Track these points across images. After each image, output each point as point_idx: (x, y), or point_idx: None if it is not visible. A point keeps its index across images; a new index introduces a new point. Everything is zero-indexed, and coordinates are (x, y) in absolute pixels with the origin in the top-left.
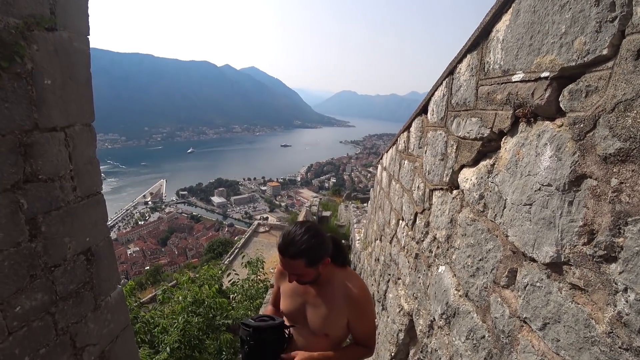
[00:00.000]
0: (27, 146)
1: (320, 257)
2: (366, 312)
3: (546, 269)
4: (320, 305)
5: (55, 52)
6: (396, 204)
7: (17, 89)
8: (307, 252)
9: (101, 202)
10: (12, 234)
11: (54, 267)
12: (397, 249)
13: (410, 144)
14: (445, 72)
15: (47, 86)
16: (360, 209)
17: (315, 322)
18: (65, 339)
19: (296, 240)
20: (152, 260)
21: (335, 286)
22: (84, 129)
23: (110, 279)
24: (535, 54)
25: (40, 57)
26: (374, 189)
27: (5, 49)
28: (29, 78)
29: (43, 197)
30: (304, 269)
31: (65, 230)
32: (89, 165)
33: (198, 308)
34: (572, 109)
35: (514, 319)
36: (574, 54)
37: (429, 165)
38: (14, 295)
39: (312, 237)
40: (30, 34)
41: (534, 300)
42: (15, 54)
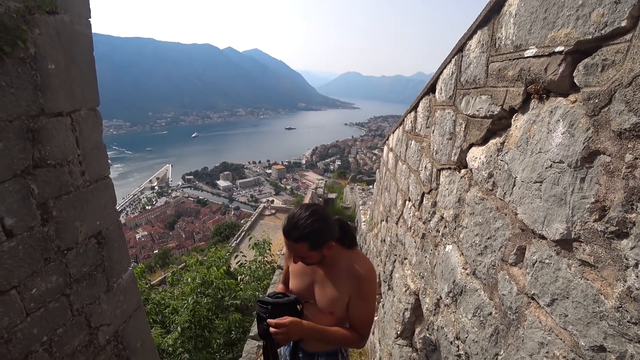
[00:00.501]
0: (35, 132)
1: (323, 241)
2: (367, 294)
3: (556, 246)
4: (327, 284)
5: (58, 36)
6: (403, 184)
7: (21, 74)
8: (310, 236)
9: (110, 186)
10: (24, 219)
11: (66, 250)
12: (404, 229)
13: (418, 124)
14: (455, 50)
15: (51, 71)
16: (365, 191)
17: (322, 301)
18: (80, 319)
19: (300, 224)
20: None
21: (342, 267)
22: (90, 113)
23: (121, 262)
24: (549, 27)
25: (42, 41)
26: (380, 171)
27: (7, 34)
28: (32, 63)
29: (53, 182)
30: (307, 252)
31: (75, 214)
32: (96, 150)
33: (207, 289)
34: (586, 84)
35: (522, 296)
36: (590, 26)
37: (437, 144)
38: (29, 278)
39: (315, 222)
40: (31, 17)
41: (542, 277)
42: (18, 38)
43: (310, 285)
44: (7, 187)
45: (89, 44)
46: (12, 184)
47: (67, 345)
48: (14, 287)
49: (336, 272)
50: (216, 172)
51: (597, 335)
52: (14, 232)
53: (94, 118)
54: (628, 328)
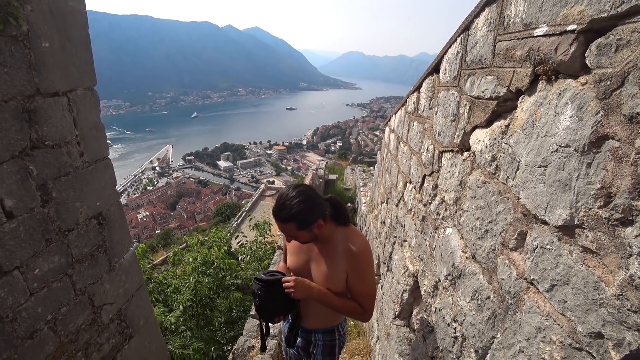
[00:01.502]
0: (31, 112)
1: (311, 220)
2: (363, 269)
3: (558, 232)
4: (322, 261)
5: (51, 13)
6: (404, 166)
7: (14, 52)
8: (297, 216)
9: (109, 167)
10: (24, 200)
11: (67, 231)
12: (404, 211)
13: (420, 105)
14: (460, 28)
15: (46, 49)
16: (366, 172)
17: (318, 277)
18: (84, 299)
19: (287, 204)
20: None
21: (337, 243)
22: (87, 93)
23: (122, 242)
24: (562, 4)
25: (35, 18)
26: (381, 152)
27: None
28: (26, 41)
29: (51, 163)
30: (296, 232)
31: (75, 195)
32: (94, 130)
33: (208, 269)
34: (598, 65)
35: (521, 281)
36: (606, 4)
37: (440, 126)
38: (32, 259)
39: (301, 202)
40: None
41: (542, 262)
42: (9, 15)
43: (306, 262)
44: (6, 169)
45: (84, 20)
46: (10, 165)
47: (71, 323)
48: (17, 268)
49: (332, 248)
50: (217, 152)
51: (595, 322)
52: (14, 213)
53: (92, 98)
54: (628, 316)
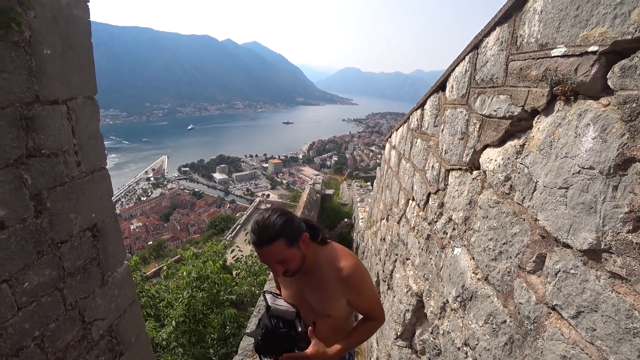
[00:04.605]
0: (29, 119)
1: (298, 232)
2: (363, 289)
3: (582, 256)
4: (316, 288)
5: (54, 20)
6: (406, 183)
7: (15, 58)
8: (283, 231)
9: (106, 178)
10: (17, 210)
11: (60, 243)
12: (406, 229)
13: (425, 122)
14: (469, 47)
15: (47, 56)
16: (363, 188)
17: (315, 306)
18: (74, 314)
19: (269, 223)
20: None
21: (324, 267)
22: (87, 102)
23: (116, 255)
24: (581, 26)
25: (38, 24)
26: (381, 168)
27: (0, 16)
28: (27, 47)
29: (47, 173)
30: (286, 252)
31: (70, 206)
32: (92, 140)
33: (202, 283)
34: (622, 87)
35: (541, 306)
36: (630, 26)
37: (446, 144)
38: (22, 271)
39: (281, 217)
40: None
41: (566, 287)
42: (12, 21)
43: (301, 292)
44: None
45: (87, 29)
46: (4, 173)
47: (60, 340)
48: (5, 281)
49: (321, 274)
50: (212, 164)
51: (629, 352)
52: (6, 223)
53: (91, 107)
54: None
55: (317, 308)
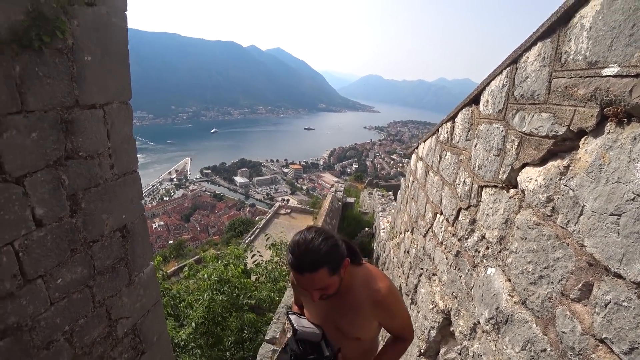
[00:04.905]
0: (68, 123)
1: (341, 258)
2: (397, 311)
3: (637, 288)
4: (347, 311)
5: (95, 28)
6: (434, 196)
7: (58, 64)
8: (329, 257)
9: (137, 181)
10: (54, 209)
11: (92, 242)
12: (433, 243)
13: (455, 135)
14: (507, 61)
15: (87, 62)
16: (385, 197)
17: (345, 328)
18: (101, 311)
19: (313, 247)
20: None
21: (359, 289)
22: (122, 107)
23: (143, 256)
24: (637, 45)
25: (80, 32)
26: (406, 179)
27: (47, 24)
28: (69, 54)
29: (83, 174)
30: (328, 279)
31: (103, 207)
32: (125, 144)
33: (223, 287)
34: None
35: (588, 337)
36: None
37: (480, 159)
38: (56, 268)
39: (325, 240)
40: (70, 8)
41: (618, 320)
42: (57, 29)
43: (328, 314)
44: (40, 177)
45: (125, 37)
46: (44, 174)
47: (87, 335)
48: (40, 277)
49: (353, 295)
50: (234, 168)
51: None
52: (44, 222)
53: (126, 112)
54: None
55: (347, 331)
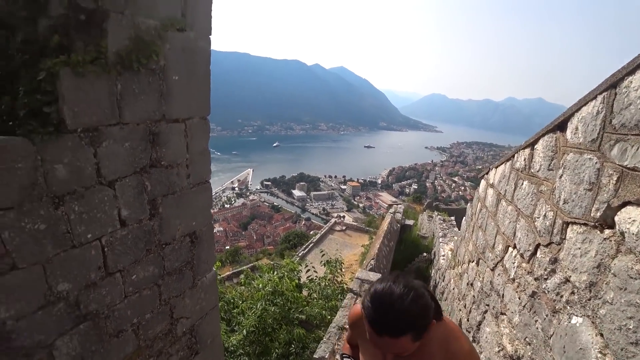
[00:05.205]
0: (155, 135)
1: (429, 323)
2: None
3: None
4: None
5: (183, 51)
6: (506, 228)
7: (151, 83)
8: (416, 322)
9: (208, 190)
10: (137, 212)
11: (165, 245)
12: (503, 279)
13: (535, 163)
14: (603, 86)
15: (175, 81)
16: (447, 222)
17: None
18: (165, 309)
19: (399, 308)
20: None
21: (434, 348)
22: (201, 121)
23: (207, 262)
24: None
25: (171, 54)
26: (473, 205)
27: (145, 47)
28: (161, 74)
29: (163, 182)
30: (409, 345)
31: (177, 212)
32: (201, 156)
33: (276, 298)
34: None
35: None
36: None
37: (566, 193)
38: (132, 265)
39: (415, 299)
40: (165, 34)
41: None
42: (153, 52)
43: None
44: (127, 182)
45: (208, 58)
46: (131, 179)
47: (151, 330)
48: (119, 271)
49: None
50: (293, 181)
51: None
52: (127, 222)
53: (204, 126)
54: None
55: None
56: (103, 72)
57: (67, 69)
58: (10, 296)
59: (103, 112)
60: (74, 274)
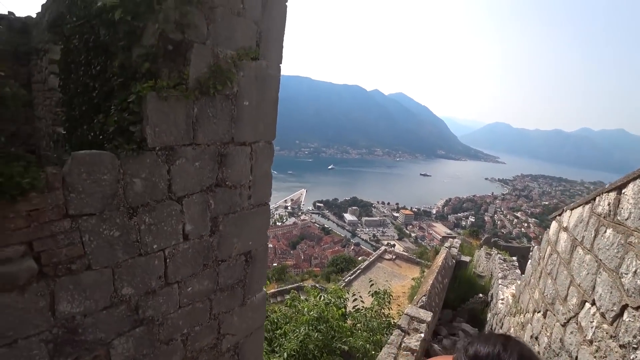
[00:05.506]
0: (223, 156)
1: None
2: None
3: None
4: None
5: (255, 78)
6: (582, 279)
7: (224, 108)
8: None
9: (267, 212)
10: (199, 228)
11: (221, 261)
12: (577, 338)
13: (623, 210)
14: None
15: (245, 106)
16: (508, 262)
17: None
18: (214, 324)
19: None
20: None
21: None
22: (266, 145)
23: (259, 282)
24: None
25: (244, 82)
26: (541, 248)
27: (221, 75)
28: (233, 99)
29: (226, 201)
30: None
31: (235, 231)
32: (264, 178)
33: (320, 324)
34: None
35: None
36: None
37: None
38: (189, 278)
39: None
40: (239, 62)
41: None
42: (228, 79)
43: None
44: (194, 199)
45: (277, 85)
46: (198, 197)
47: (198, 342)
48: (177, 282)
49: None
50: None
51: None
52: (190, 236)
53: (268, 150)
54: None
55: None
56: (183, 96)
57: (153, 92)
58: (82, 294)
59: (179, 133)
60: (137, 280)
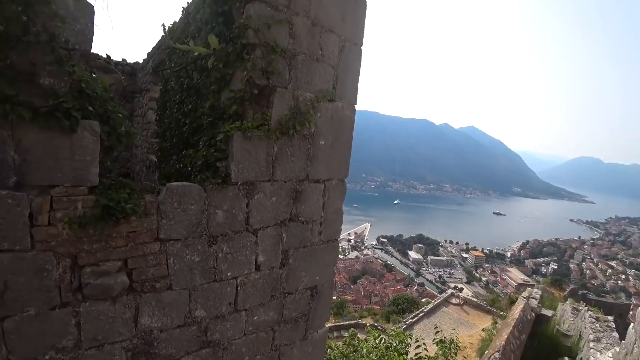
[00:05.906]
0: (298, 192)
1: None
2: None
3: None
4: None
5: (331, 119)
6: None
7: (301, 147)
8: None
9: (336, 249)
10: (270, 260)
11: (287, 294)
12: None
13: None
14: None
15: (321, 146)
16: (601, 322)
17: None
18: (274, 355)
19: None
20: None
21: None
22: (339, 183)
23: (322, 317)
24: None
25: (320, 122)
26: None
27: (300, 116)
28: (310, 139)
29: (297, 236)
30: None
31: (304, 266)
32: (335, 215)
33: None
34: None
35: None
36: None
37: None
38: (257, 307)
39: None
40: (317, 104)
41: None
42: (306, 121)
43: None
44: (268, 232)
45: (351, 125)
46: (272, 230)
47: None
48: (245, 310)
49: None
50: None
51: None
52: (261, 267)
53: (341, 188)
54: None
55: None
56: (265, 136)
57: (239, 132)
58: (161, 310)
59: (259, 170)
60: (209, 304)
